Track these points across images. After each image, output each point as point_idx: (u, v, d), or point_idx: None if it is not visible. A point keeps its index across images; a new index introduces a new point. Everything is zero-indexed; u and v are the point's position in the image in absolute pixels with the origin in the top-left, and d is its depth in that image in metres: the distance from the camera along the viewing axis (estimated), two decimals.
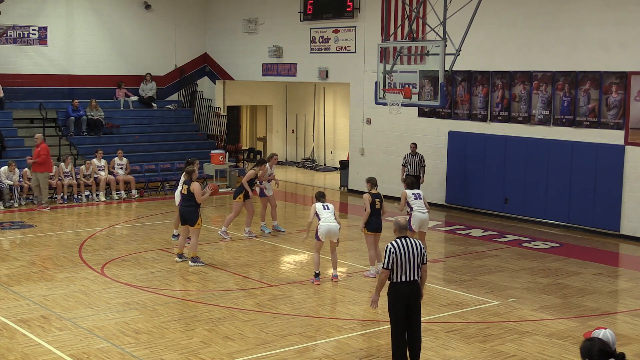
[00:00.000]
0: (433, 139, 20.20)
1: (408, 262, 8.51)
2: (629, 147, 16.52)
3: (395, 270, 8.51)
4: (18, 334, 10.15)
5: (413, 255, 8.54)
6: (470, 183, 19.42)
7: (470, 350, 9.82)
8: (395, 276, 8.53)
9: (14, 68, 23.60)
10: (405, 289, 8.54)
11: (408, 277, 8.52)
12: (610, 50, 16.74)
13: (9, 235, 16.46)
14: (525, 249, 15.74)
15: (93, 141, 22.89)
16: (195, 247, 13.93)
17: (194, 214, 13.77)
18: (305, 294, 12.31)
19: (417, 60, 19.16)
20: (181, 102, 26.74)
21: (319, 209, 12.94)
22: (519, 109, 18.40)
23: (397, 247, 8.52)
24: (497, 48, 18.80)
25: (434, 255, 14.99)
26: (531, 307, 11.71)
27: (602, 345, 5.61)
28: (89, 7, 24.85)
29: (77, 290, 12.22)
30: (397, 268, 8.50)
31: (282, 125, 29.33)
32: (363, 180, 22.45)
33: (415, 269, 8.55)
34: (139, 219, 18.60)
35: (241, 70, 26.22)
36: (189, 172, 14.08)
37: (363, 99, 22.03)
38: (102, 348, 9.67)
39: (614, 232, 16.88)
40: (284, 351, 9.67)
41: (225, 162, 23.41)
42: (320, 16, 23.06)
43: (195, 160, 15.94)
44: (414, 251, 8.55)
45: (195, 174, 14.12)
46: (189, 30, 26.75)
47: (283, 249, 15.58)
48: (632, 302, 12.23)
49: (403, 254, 8.50)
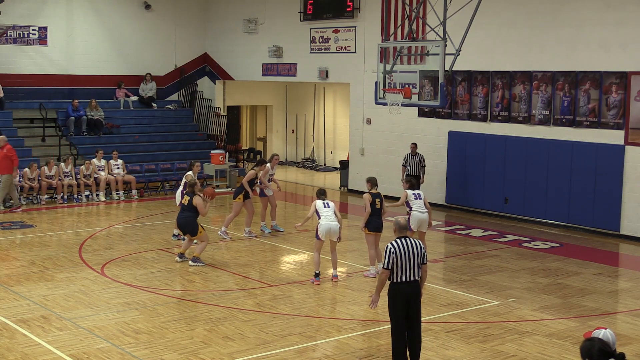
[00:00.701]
0: (433, 139, 20.20)
1: (408, 262, 8.51)
2: (629, 147, 16.52)
3: (395, 270, 8.52)
4: (18, 334, 10.15)
5: (413, 255, 8.54)
6: (470, 183, 19.42)
7: (470, 350, 9.82)
8: (396, 276, 8.53)
9: (14, 68, 23.60)
10: (405, 289, 8.55)
11: (408, 277, 8.53)
12: (610, 50, 16.74)
13: (9, 235, 16.45)
14: (525, 249, 15.74)
15: (93, 141, 22.89)
16: (202, 250, 13.97)
17: (193, 224, 13.84)
18: (305, 294, 12.31)
19: (417, 60, 19.16)
20: (181, 102, 26.74)
21: (320, 207, 12.92)
22: (519, 109, 18.40)
23: (397, 247, 8.53)
24: (497, 48, 18.80)
25: (434, 255, 14.99)
26: (531, 307, 11.71)
27: (602, 345, 5.62)
28: (89, 7, 24.86)
29: (77, 290, 12.22)
30: (397, 268, 8.50)
31: (282, 125, 29.33)
32: (363, 180, 22.45)
33: (415, 269, 8.55)
34: (139, 219, 18.60)
35: (241, 70, 26.22)
36: (191, 185, 14.12)
37: (363, 99, 22.03)
38: (102, 348, 9.68)
39: (614, 232, 16.88)
40: (284, 351, 9.67)
41: (225, 162, 23.42)
42: (320, 16, 23.06)
43: (196, 163, 15.92)
44: (414, 251, 8.56)
45: (197, 187, 14.11)
46: (189, 30, 26.75)
47: (283, 249, 15.58)
48: (632, 302, 12.23)
49: (403, 254, 8.50)
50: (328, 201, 13.10)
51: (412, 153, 19.28)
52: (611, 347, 5.76)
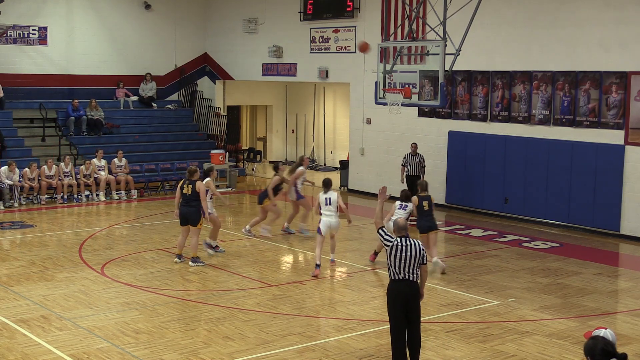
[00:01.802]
0: (433, 139, 20.20)
1: (408, 261, 8.52)
2: (629, 147, 16.52)
3: (395, 267, 8.54)
4: (18, 334, 10.15)
5: (412, 254, 8.55)
6: (470, 183, 19.42)
7: (470, 350, 9.82)
8: (395, 274, 8.55)
9: (14, 68, 23.60)
10: (404, 288, 8.56)
11: (407, 276, 8.53)
12: (610, 50, 16.73)
13: (9, 235, 16.46)
14: (525, 249, 15.74)
15: (93, 141, 22.89)
16: (196, 247, 13.89)
17: (197, 214, 13.68)
18: (305, 294, 12.31)
19: (417, 60, 19.16)
20: (181, 102, 26.74)
21: (322, 203, 13.50)
22: (519, 109, 18.40)
23: (399, 243, 8.56)
24: (497, 48, 18.80)
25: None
26: (531, 307, 11.71)
27: (605, 344, 5.63)
28: (89, 6, 24.86)
29: (77, 290, 12.22)
30: (397, 266, 8.52)
31: (282, 125, 29.33)
32: (363, 180, 22.48)
33: (414, 269, 8.56)
34: (139, 219, 18.60)
35: (241, 70, 26.22)
36: (191, 172, 13.90)
37: (363, 99, 22.03)
38: (102, 348, 9.67)
39: (614, 232, 16.88)
40: (284, 351, 9.68)
41: (225, 162, 23.41)
42: (320, 16, 23.06)
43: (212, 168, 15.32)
44: (414, 251, 8.57)
45: (197, 174, 13.90)
46: (189, 30, 26.75)
47: (283, 249, 15.58)
48: (632, 302, 12.22)
49: (404, 252, 8.52)
50: (330, 196, 13.53)
51: (412, 153, 19.27)
52: (614, 347, 5.77)
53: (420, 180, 14.75)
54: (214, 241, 14.85)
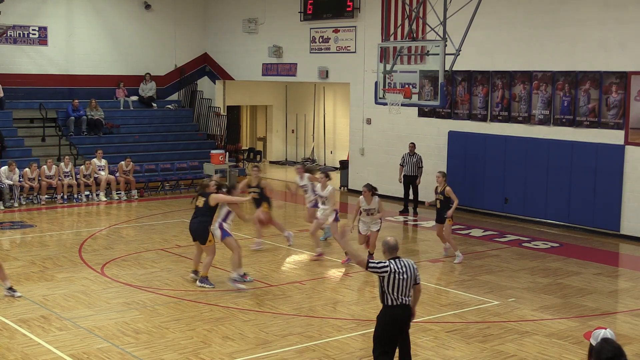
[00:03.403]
0: (433, 139, 20.20)
1: (405, 284, 7.99)
2: (629, 147, 16.52)
3: (393, 293, 7.96)
4: (18, 334, 10.15)
5: (408, 277, 8.00)
6: (470, 183, 19.41)
7: (470, 350, 9.82)
8: (390, 299, 7.97)
9: (14, 68, 23.61)
10: (401, 316, 8.02)
11: (402, 300, 7.99)
12: (610, 50, 16.73)
13: (9, 235, 16.46)
14: (525, 249, 15.74)
15: (93, 141, 22.90)
16: (208, 267, 12.65)
17: (206, 231, 12.47)
18: (305, 294, 12.31)
19: (417, 60, 19.16)
20: (181, 102, 26.75)
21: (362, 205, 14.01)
22: (519, 109, 18.40)
23: (394, 267, 7.98)
24: (497, 48, 18.80)
25: (434, 255, 15.00)
26: (531, 307, 11.71)
27: (612, 356, 5.53)
28: (89, 7, 24.86)
29: (77, 290, 12.22)
30: (393, 290, 7.95)
31: (282, 125, 29.33)
32: (363, 180, 22.47)
33: (408, 291, 8.03)
34: (139, 219, 18.61)
35: (241, 70, 26.23)
36: (203, 185, 12.95)
37: (363, 99, 22.03)
38: (102, 348, 9.68)
39: (614, 232, 16.88)
40: (284, 351, 9.68)
41: (225, 162, 23.41)
42: (320, 16, 23.06)
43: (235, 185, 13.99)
44: (409, 272, 8.02)
45: (210, 187, 12.67)
46: (188, 30, 26.76)
47: (283, 249, 15.57)
48: (632, 302, 12.23)
49: (401, 276, 7.96)
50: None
51: (410, 153, 19.28)
52: (623, 357, 5.68)
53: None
54: (240, 269, 12.87)
